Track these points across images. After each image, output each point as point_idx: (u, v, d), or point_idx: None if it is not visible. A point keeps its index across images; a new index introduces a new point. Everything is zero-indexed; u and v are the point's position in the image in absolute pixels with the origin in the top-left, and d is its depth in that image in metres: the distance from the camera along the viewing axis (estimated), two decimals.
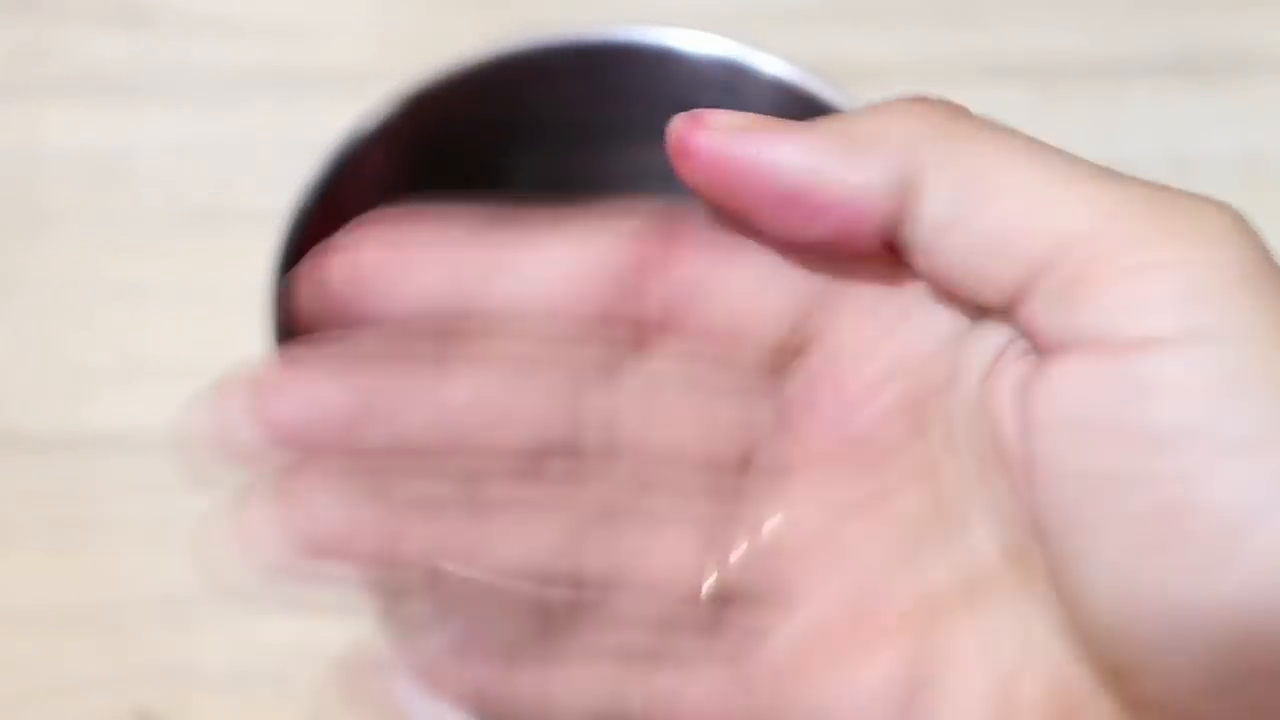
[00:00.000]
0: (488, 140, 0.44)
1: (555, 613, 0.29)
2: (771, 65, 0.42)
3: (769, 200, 0.27)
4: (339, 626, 0.53)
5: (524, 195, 0.46)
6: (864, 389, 0.29)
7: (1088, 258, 0.26)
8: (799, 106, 0.42)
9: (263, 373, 0.29)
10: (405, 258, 0.28)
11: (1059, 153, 0.27)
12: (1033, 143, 0.27)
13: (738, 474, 0.29)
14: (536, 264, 0.29)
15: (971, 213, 0.27)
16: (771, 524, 0.29)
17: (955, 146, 0.27)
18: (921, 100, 0.28)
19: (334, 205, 0.40)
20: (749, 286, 0.29)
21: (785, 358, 0.29)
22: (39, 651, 0.52)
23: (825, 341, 0.29)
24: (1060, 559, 0.26)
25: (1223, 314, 0.25)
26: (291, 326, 0.38)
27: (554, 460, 0.29)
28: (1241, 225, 0.26)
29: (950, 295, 0.28)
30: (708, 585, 0.29)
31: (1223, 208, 0.26)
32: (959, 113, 0.28)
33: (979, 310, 0.28)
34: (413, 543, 0.28)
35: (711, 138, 0.28)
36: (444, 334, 0.28)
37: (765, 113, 0.42)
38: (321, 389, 0.28)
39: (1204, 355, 0.25)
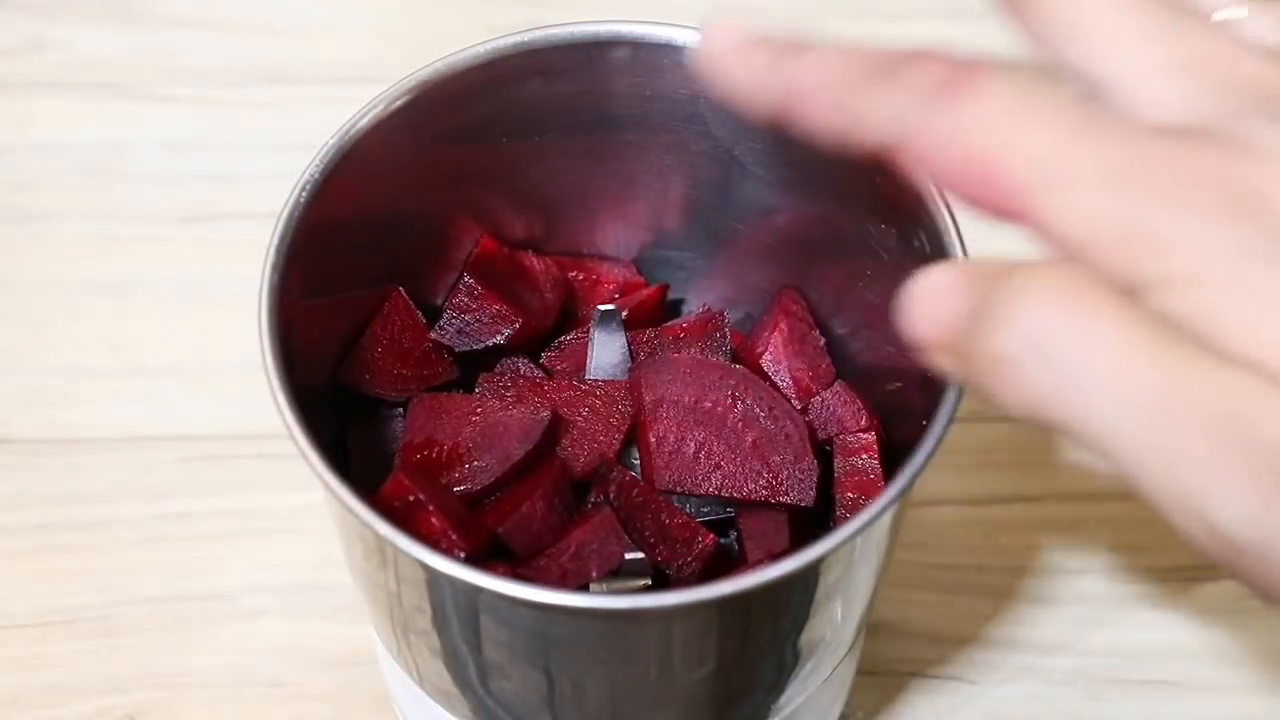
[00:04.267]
0: (486, 137, 0.44)
1: None
2: None
3: None
4: (331, 628, 0.53)
5: (522, 192, 0.46)
6: None
7: None
8: None
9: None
10: None
11: None
12: None
13: None
14: None
15: None
16: None
17: None
18: None
19: (330, 203, 0.40)
20: None
21: None
22: (30, 654, 0.52)
23: None
24: None
25: None
26: (285, 327, 0.38)
27: None
28: None
29: None
30: None
31: None
32: None
33: None
34: None
35: None
36: None
37: None
38: None
39: None
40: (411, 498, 0.40)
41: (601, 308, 0.46)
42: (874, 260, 0.42)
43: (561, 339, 0.47)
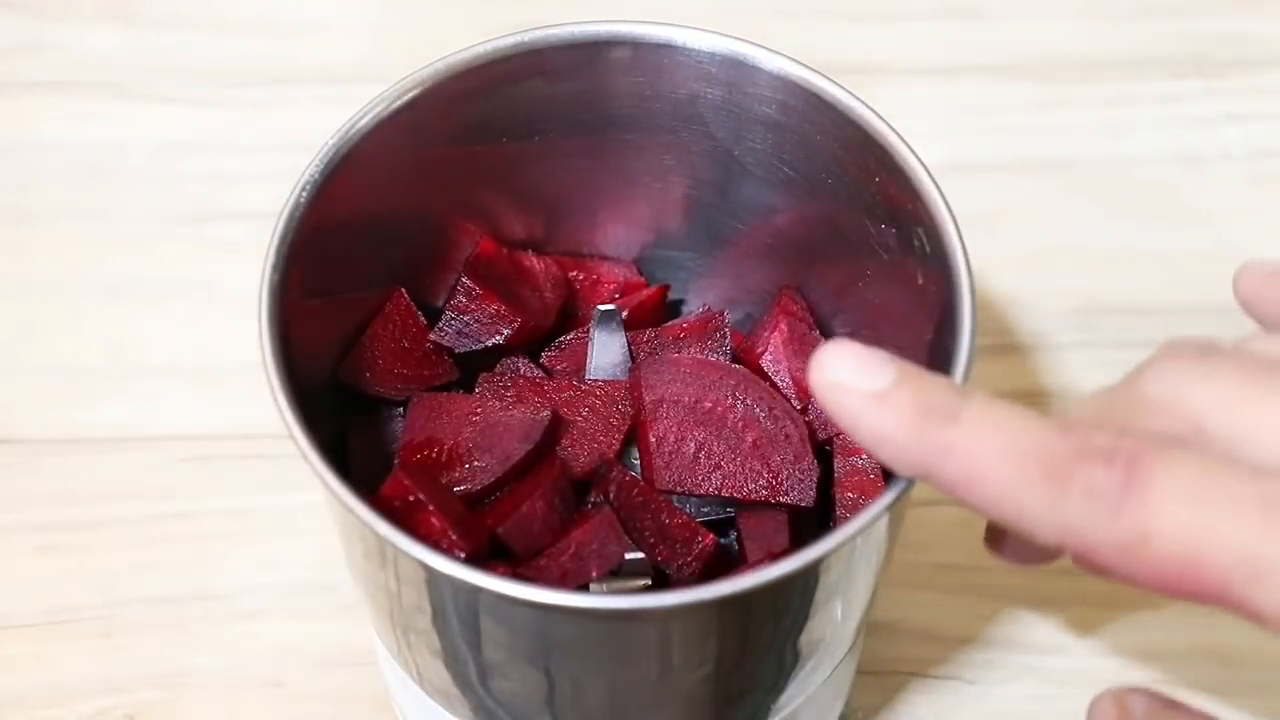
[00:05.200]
0: (486, 137, 0.44)
1: None
2: (774, 61, 0.41)
3: None
4: (331, 628, 0.53)
5: (522, 192, 0.46)
6: None
7: None
8: (802, 103, 0.41)
9: None
10: None
11: None
12: None
13: None
14: None
15: None
16: None
17: None
18: None
19: (329, 203, 0.40)
20: None
21: None
22: (31, 654, 0.52)
23: None
24: None
25: None
26: (285, 326, 0.38)
27: None
28: None
29: None
30: None
31: None
32: None
33: None
34: None
35: None
36: None
37: (767, 108, 0.42)
38: None
39: None
40: (411, 498, 0.40)
41: (601, 308, 0.46)
42: (874, 260, 0.42)
43: (561, 339, 0.47)
